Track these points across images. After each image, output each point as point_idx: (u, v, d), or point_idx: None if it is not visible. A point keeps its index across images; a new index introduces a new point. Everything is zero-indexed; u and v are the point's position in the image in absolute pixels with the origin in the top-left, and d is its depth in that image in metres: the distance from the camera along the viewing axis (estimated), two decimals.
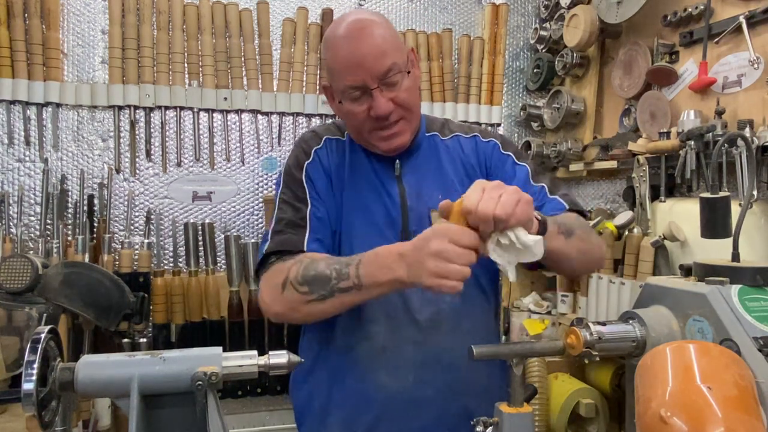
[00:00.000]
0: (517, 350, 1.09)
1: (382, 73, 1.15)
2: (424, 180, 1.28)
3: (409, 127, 1.25)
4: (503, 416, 1.02)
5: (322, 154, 1.32)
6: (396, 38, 1.21)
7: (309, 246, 1.19)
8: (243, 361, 0.88)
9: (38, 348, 0.79)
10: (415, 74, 1.24)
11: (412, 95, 1.21)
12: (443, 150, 1.33)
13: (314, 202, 1.26)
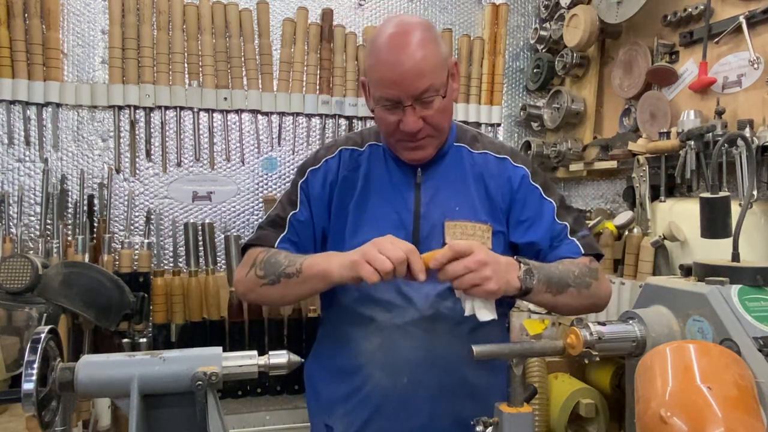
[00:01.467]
0: (517, 350, 1.09)
1: (417, 94, 1.16)
2: (443, 189, 1.29)
3: (436, 143, 1.27)
4: (503, 416, 1.02)
5: (332, 163, 1.35)
6: (438, 55, 1.18)
7: (279, 245, 1.30)
8: (243, 361, 0.88)
9: (38, 348, 0.79)
10: (452, 88, 1.24)
11: (444, 115, 1.23)
12: (469, 163, 1.32)
13: (302, 206, 1.33)
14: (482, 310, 1.09)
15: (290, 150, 2.18)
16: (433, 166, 1.31)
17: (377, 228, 1.24)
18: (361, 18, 2.26)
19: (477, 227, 1.26)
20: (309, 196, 1.34)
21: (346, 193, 1.32)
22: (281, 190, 2.17)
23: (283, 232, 1.32)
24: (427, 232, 1.25)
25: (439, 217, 1.26)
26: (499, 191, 1.31)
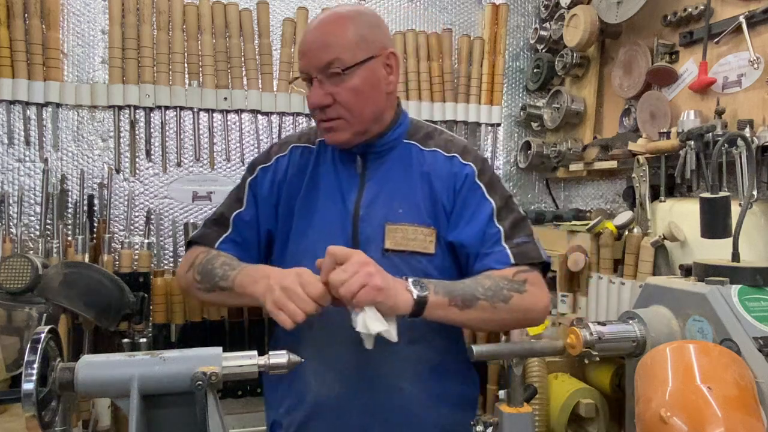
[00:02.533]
0: (517, 350, 1.10)
1: (322, 65, 1.15)
2: (387, 189, 1.25)
3: (350, 128, 1.21)
4: (503, 416, 1.02)
5: (282, 161, 1.33)
6: (355, 38, 1.17)
7: (220, 245, 1.29)
8: (243, 361, 0.88)
9: (38, 348, 0.79)
10: (373, 78, 1.19)
11: (357, 97, 1.18)
12: (417, 161, 1.27)
13: (248, 205, 1.31)
14: (374, 321, 1.01)
15: None
16: (378, 162, 1.27)
17: (320, 233, 1.22)
18: None
19: (419, 231, 1.22)
20: (257, 195, 1.31)
21: (293, 194, 1.29)
22: None
23: (227, 232, 1.30)
24: (367, 235, 1.22)
25: (380, 220, 1.22)
26: (444, 192, 1.26)
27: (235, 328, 2.04)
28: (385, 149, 1.27)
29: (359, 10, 1.22)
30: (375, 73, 1.20)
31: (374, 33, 1.21)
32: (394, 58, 1.24)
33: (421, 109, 2.27)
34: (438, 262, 1.24)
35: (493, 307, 1.13)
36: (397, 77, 1.26)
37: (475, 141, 2.39)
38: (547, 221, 2.27)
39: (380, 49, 1.21)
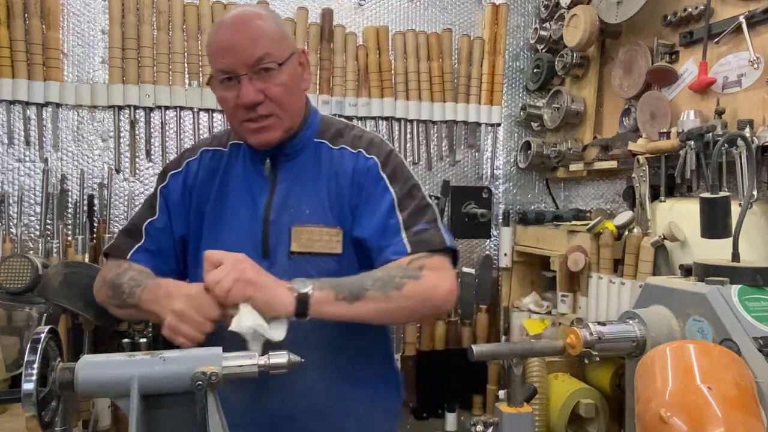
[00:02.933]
0: (517, 350, 1.10)
1: (253, 61, 1.12)
2: (296, 190, 1.22)
3: (281, 125, 1.18)
4: (503, 416, 1.02)
5: (192, 166, 1.30)
6: (278, 33, 1.16)
7: (133, 256, 1.26)
8: (243, 361, 0.88)
9: (38, 348, 0.79)
10: (296, 74, 1.19)
11: (287, 93, 1.16)
12: (326, 160, 1.24)
13: (161, 213, 1.28)
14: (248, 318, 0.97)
15: None
16: (289, 163, 1.24)
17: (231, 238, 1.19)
18: (361, 18, 2.26)
19: (324, 232, 1.19)
20: (168, 202, 1.29)
21: (203, 199, 1.27)
22: None
23: (139, 242, 1.27)
24: (276, 239, 1.19)
25: (287, 223, 1.19)
26: (348, 189, 1.22)
27: None
28: (296, 150, 1.24)
29: (270, 9, 1.23)
30: (296, 70, 1.19)
31: (288, 32, 1.22)
32: (304, 56, 1.23)
33: (421, 109, 2.27)
34: (346, 261, 1.20)
35: (385, 296, 1.07)
36: (309, 75, 1.26)
37: (475, 141, 2.39)
38: (547, 221, 2.28)
39: (295, 47, 1.21)
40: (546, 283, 2.38)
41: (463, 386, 2.32)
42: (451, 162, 2.37)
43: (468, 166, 2.40)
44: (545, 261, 2.11)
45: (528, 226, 2.32)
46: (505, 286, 2.41)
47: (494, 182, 2.44)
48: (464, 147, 2.39)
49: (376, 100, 2.22)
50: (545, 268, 2.19)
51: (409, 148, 2.31)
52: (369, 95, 2.22)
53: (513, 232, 2.39)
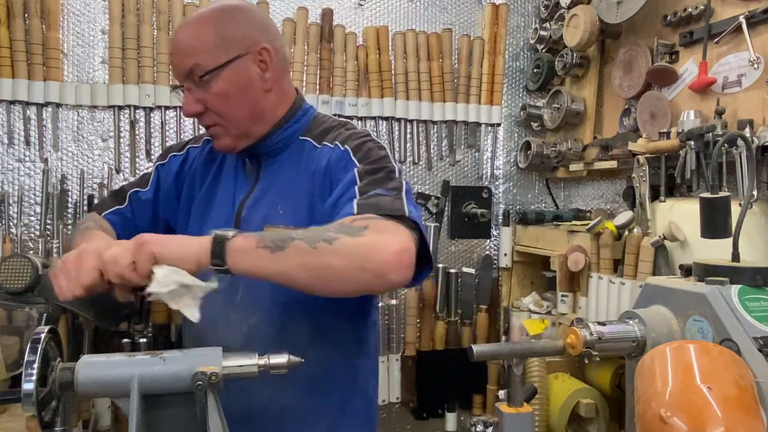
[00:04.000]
0: (517, 350, 1.10)
1: (185, 73, 1.12)
2: (274, 188, 1.19)
3: (227, 133, 1.16)
4: (503, 416, 1.02)
5: (193, 153, 1.31)
6: (213, 40, 1.11)
7: (108, 215, 1.28)
8: (243, 361, 0.88)
9: (38, 348, 0.79)
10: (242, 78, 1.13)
11: (226, 101, 1.13)
12: (307, 158, 1.19)
13: (151, 187, 1.30)
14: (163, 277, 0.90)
15: None
16: (272, 161, 1.21)
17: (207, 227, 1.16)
18: (361, 18, 2.26)
19: None
20: (161, 180, 1.29)
21: (195, 187, 1.27)
22: None
23: (121, 205, 1.28)
24: None
25: (260, 221, 1.15)
26: (320, 185, 1.16)
27: None
28: (278, 148, 1.20)
29: (225, 8, 1.15)
30: (245, 73, 1.13)
31: (242, 30, 1.14)
32: (267, 53, 1.15)
33: (421, 109, 2.27)
34: None
35: (311, 248, 0.92)
36: (276, 72, 1.17)
37: (475, 141, 2.39)
38: (547, 221, 2.28)
39: (249, 46, 1.13)
40: (546, 283, 2.38)
41: (463, 386, 2.32)
42: (451, 162, 2.37)
43: (468, 166, 2.40)
44: (545, 261, 2.11)
45: (528, 226, 2.32)
46: (505, 286, 2.41)
47: (494, 182, 2.44)
48: (464, 147, 2.39)
49: (376, 100, 2.22)
50: (545, 268, 2.20)
51: (409, 148, 2.31)
52: (369, 95, 2.22)
53: (513, 232, 2.40)
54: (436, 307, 2.29)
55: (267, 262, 0.93)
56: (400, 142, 2.28)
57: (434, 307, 2.30)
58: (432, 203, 2.33)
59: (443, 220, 2.35)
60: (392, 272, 0.94)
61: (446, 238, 2.37)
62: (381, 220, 0.99)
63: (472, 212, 2.35)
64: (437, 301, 2.29)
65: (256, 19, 1.18)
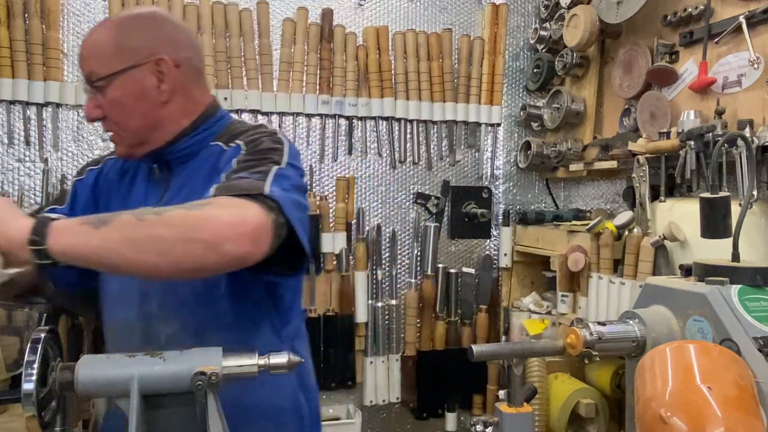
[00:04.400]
0: (517, 350, 1.10)
1: (85, 76, 1.11)
2: (182, 195, 1.15)
3: (122, 141, 1.15)
4: (503, 416, 1.02)
5: (108, 163, 1.29)
6: (111, 47, 1.10)
7: None
8: (243, 361, 0.88)
9: (38, 348, 0.79)
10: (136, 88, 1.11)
11: (119, 109, 1.11)
12: (213, 162, 1.16)
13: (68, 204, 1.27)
14: None
15: (288, 150, 2.17)
16: (182, 167, 1.18)
17: None
18: (361, 18, 2.26)
19: None
20: (77, 196, 1.28)
21: (111, 196, 1.25)
22: None
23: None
24: None
25: None
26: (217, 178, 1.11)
27: None
28: (186, 154, 1.18)
29: (131, 16, 1.14)
30: (140, 83, 1.11)
31: (141, 40, 1.12)
32: (165, 64, 1.12)
33: (421, 109, 2.27)
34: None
35: (138, 220, 0.89)
36: (176, 84, 1.14)
37: (475, 141, 2.39)
38: (547, 221, 2.28)
39: (146, 57, 1.11)
40: (546, 283, 2.38)
41: (463, 386, 2.32)
42: (451, 162, 2.37)
43: (468, 166, 2.40)
44: (545, 261, 2.11)
45: (528, 226, 2.32)
46: (505, 286, 2.41)
47: (494, 182, 2.44)
48: (464, 147, 2.39)
49: (376, 100, 2.22)
50: (545, 268, 2.20)
51: (409, 148, 2.31)
52: (369, 95, 2.22)
53: (513, 232, 2.40)
54: (436, 307, 2.30)
55: (90, 237, 0.88)
56: (400, 142, 2.29)
57: (434, 307, 2.30)
58: (432, 203, 2.33)
59: (443, 220, 2.35)
60: (227, 243, 0.89)
61: (446, 238, 2.37)
62: (227, 198, 0.96)
63: (472, 212, 2.35)
64: (437, 301, 2.29)
65: (163, 29, 1.16)
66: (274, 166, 1.06)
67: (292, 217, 0.99)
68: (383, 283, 2.26)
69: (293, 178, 1.09)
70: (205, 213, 0.91)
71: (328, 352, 2.16)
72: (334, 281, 2.19)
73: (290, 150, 1.15)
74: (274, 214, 0.96)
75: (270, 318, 1.20)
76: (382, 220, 2.29)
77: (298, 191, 1.08)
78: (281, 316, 1.22)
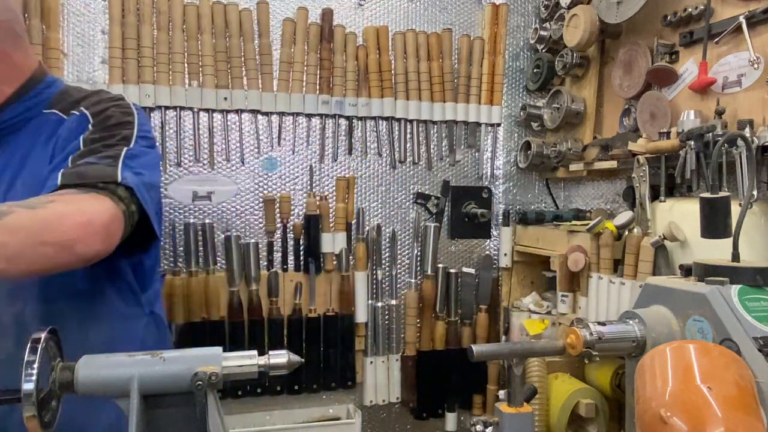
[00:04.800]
0: (517, 350, 1.10)
1: None
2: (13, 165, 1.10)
3: None
4: (503, 416, 1.02)
5: None
6: None
7: None
8: (243, 361, 0.88)
9: (38, 348, 0.79)
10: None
11: None
12: (52, 131, 1.10)
13: None
14: None
15: (290, 150, 2.18)
16: (10, 137, 1.12)
17: None
18: (361, 18, 2.26)
19: None
20: None
21: None
22: (281, 190, 2.17)
23: None
24: None
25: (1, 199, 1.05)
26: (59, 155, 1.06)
27: (235, 329, 2.04)
28: (14, 124, 1.13)
29: None
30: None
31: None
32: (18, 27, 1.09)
33: (421, 109, 2.27)
34: None
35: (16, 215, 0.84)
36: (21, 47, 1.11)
37: (475, 141, 2.39)
38: (547, 221, 2.28)
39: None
40: (546, 283, 2.38)
41: (463, 386, 2.32)
42: (451, 162, 2.37)
43: (468, 166, 2.40)
44: (545, 261, 2.11)
45: (528, 226, 2.32)
46: (505, 286, 2.41)
47: (494, 182, 2.44)
48: (464, 147, 2.39)
49: (376, 100, 2.22)
50: (545, 268, 2.20)
51: (409, 148, 2.31)
52: (369, 95, 2.22)
53: (513, 232, 2.40)
54: (436, 307, 2.30)
55: None
56: (400, 142, 2.29)
57: (434, 307, 2.30)
58: (432, 203, 2.33)
59: (443, 220, 2.35)
60: (77, 244, 0.88)
61: (446, 238, 2.37)
62: (73, 193, 0.93)
63: (472, 212, 2.35)
64: (437, 301, 2.29)
65: None
66: (124, 147, 1.03)
67: (146, 205, 0.98)
68: (383, 283, 2.27)
69: (144, 155, 1.06)
70: (52, 213, 0.87)
71: (328, 352, 2.17)
72: (334, 281, 2.19)
73: (140, 118, 1.12)
74: (125, 204, 0.95)
75: (129, 284, 1.17)
76: (382, 220, 2.29)
77: (149, 168, 1.06)
78: (141, 282, 1.19)
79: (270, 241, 2.14)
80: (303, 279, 2.15)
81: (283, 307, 2.12)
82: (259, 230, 2.14)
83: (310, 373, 2.14)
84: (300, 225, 2.16)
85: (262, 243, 2.13)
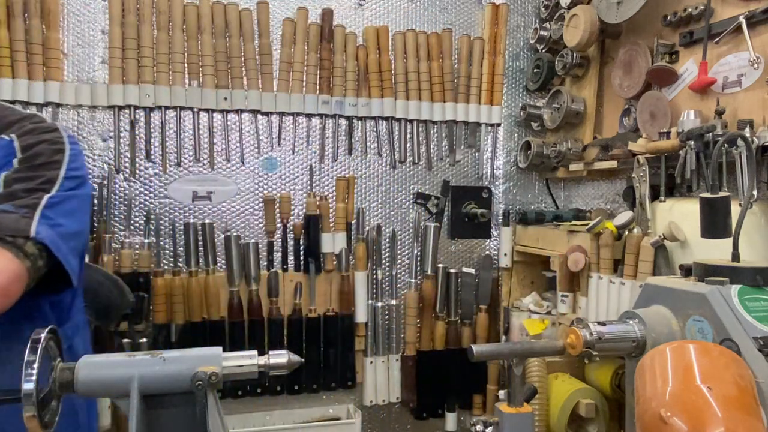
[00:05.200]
0: (517, 350, 1.10)
1: None
2: None
3: None
4: (503, 416, 1.02)
5: None
6: None
7: None
8: (243, 361, 0.88)
9: (38, 348, 0.79)
10: None
11: None
12: None
13: None
14: None
15: (290, 150, 2.18)
16: None
17: None
18: (361, 18, 2.26)
19: None
20: None
21: None
22: (281, 190, 2.17)
23: None
24: None
25: None
26: None
27: (235, 329, 2.04)
28: None
29: None
30: None
31: None
32: None
33: (421, 109, 2.27)
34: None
35: None
36: None
37: (475, 141, 2.39)
38: (547, 221, 2.28)
39: None
40: (546, 283, 2.38)
41: (463, 386, 2.32)
42: (451, 162, 2.37)
43: (468, 166, 2.40)
44: (545, 261, 2.11)
45: (528, 226, 2.32)
46: (505, 286, 2.41)
47: (494, 182, 2.44)
48: (464, 147, 2.39)
49: (376, 100, 2.22)
50: (545, 268, 2.20)
51: (409, 148, 2.31)
52: (369, 95, 2.22)
53: (513, 232, 2.40)
54: (436, 307, 2.30)
55: None
56: (400, 142, 2.29)
57: (434, 307, 2.30)
58: (432, 203, 2.33)
59: (443, 220, 2.35)
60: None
61: (446, 238, 2.37)
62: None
63: (472, 212, 2.35)
64: (437, 301, 2.29)
65: None
66: (44, 195, 1.00)
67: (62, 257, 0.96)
68: (383, 283, 2.27)
69: (66, 201, 1.03)
70: None
71: (328, 352, 2.17)
72: (334, 281, 2.19)
73: (71, 153, 1.07)
74: (31, 260, 0.93)
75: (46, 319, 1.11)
76: (382, 220, 2.29)
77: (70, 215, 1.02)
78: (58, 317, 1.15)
79: (270, 241, 2.14)
80: (303, 279, 2.15)
81: (283, 307, 2.12)
82: (259, 230, 2.14)
83: (310, 373, 2.14)
84: (300, 225, 2.16)
85: (262, 243, 2.13)
